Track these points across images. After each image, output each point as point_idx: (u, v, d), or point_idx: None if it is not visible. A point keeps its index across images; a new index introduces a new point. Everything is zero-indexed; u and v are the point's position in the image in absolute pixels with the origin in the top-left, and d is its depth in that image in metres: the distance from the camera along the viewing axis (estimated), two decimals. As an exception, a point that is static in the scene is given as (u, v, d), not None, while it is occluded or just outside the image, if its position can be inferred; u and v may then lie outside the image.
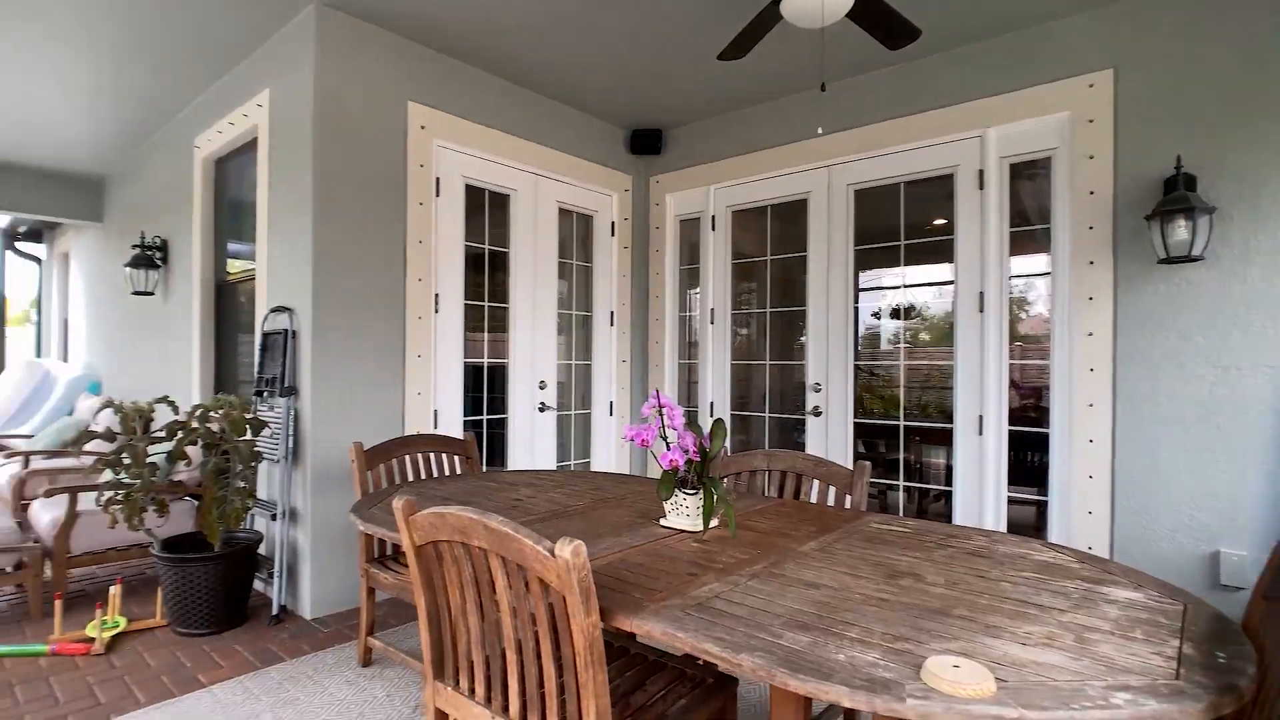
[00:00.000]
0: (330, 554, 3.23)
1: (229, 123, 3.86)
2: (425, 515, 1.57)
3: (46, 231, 8.24)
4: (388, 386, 3.40)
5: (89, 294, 6.91)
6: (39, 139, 5.36)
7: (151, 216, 5.06)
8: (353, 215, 3.27)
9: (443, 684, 1.67)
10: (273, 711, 2.37)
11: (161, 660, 2.80)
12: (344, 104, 3.23)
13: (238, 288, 4.25)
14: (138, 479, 2.78)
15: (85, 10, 3.26)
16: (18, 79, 4.13)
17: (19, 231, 8.29)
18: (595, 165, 4.47)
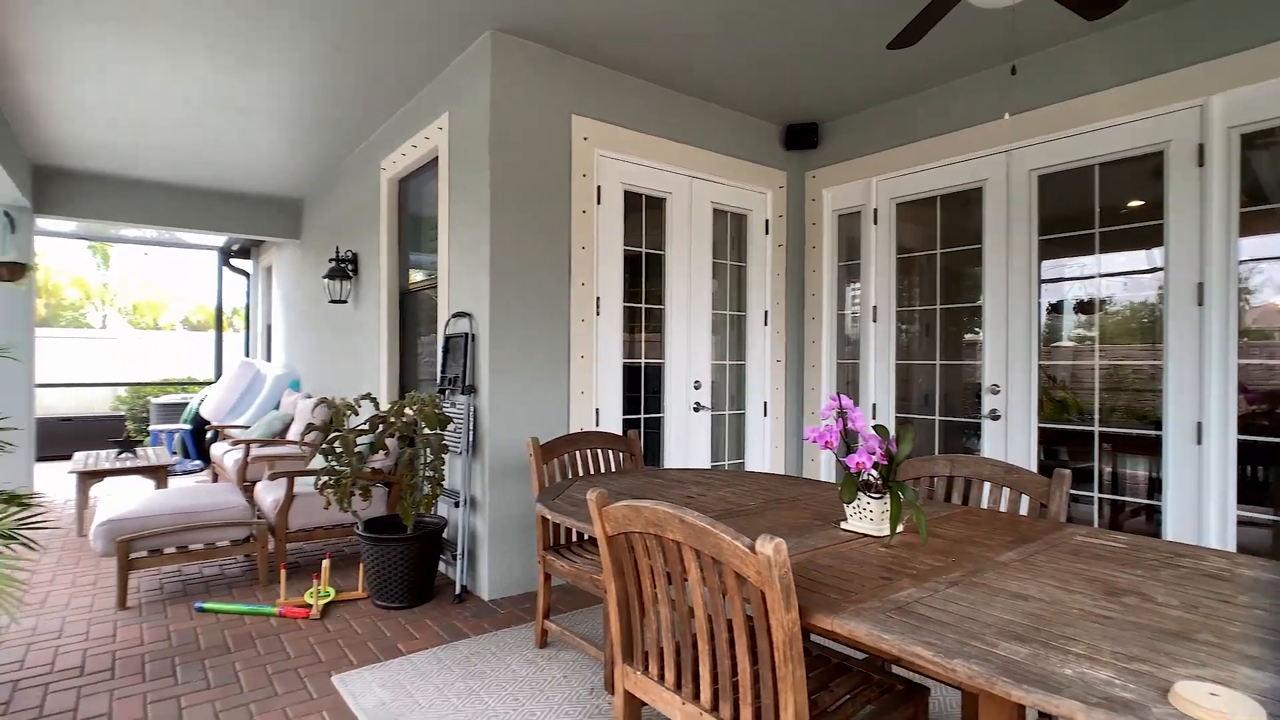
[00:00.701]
0: (505, 540, 3.54)
1: (412, 145, 4.33)
2: (619, 508, 1.70)
3: (253, 249, 9.66)
4: (554, 386, 3.66)
5: (287, 302, 8.01)
6: (251, 171, 6.32)
7: (343, 233, 5.78)
8: (523, 226, 3.56)
9: (631, 667, 1.80)
10: (464, 682, 2.65)
11: (366, 628, 3.22)
12: (515, 122, 3.53)
13: (418, 295, 4.76)
14: (347, 466, 3.21)
15: (298, 58, 3.83)
16: (239, 123, 4.92)
17: (232, 249, 9.78)
18: (749, 164, 4.51)
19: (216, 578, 3.98)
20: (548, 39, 3.54)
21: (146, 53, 3.83)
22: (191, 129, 5.14)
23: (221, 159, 5.96)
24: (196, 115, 4.84)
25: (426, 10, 3.28)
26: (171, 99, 4.52)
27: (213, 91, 4.37)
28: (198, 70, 4.06)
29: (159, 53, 3.84)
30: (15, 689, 2.68)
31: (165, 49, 3.79)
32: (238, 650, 2.99)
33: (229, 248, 9.69)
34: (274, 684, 2.69)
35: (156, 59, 3.91)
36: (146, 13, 3.39)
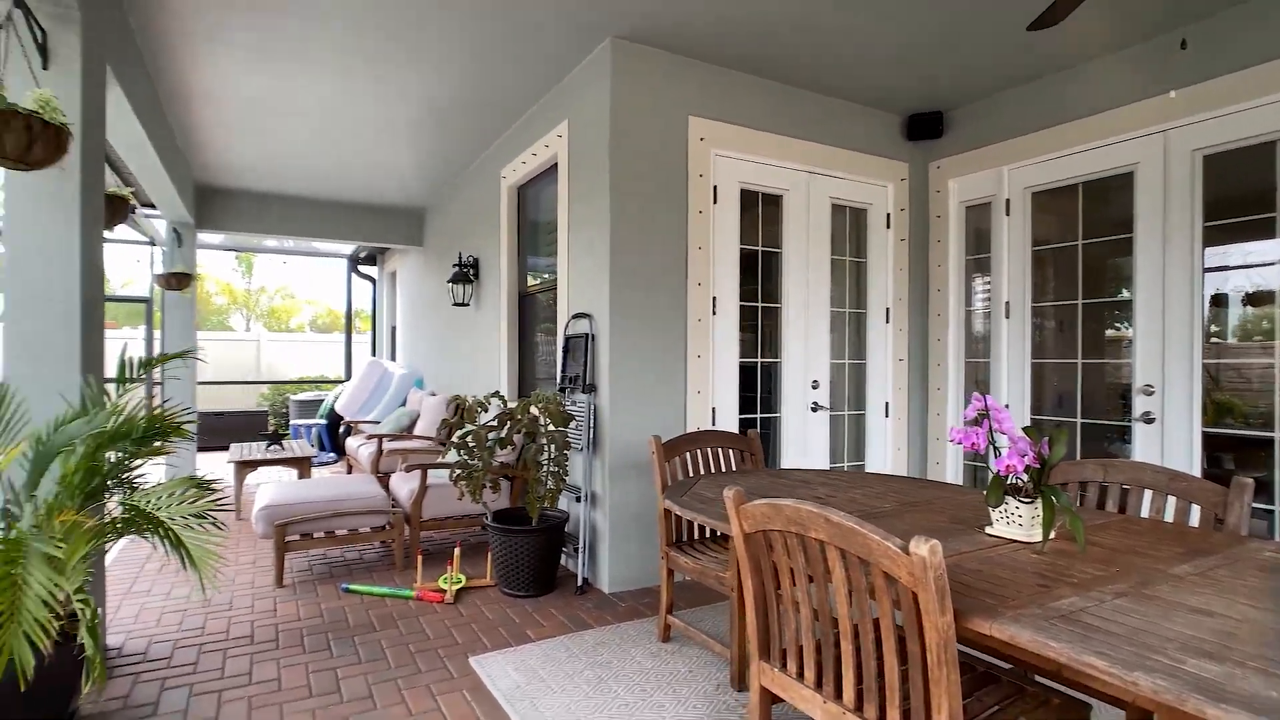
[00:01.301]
0: (624, 535, 3.65)
1: (531, 153, 4.55)
2: (757, 506, 1.74)
3: (379, 255, 10.43)
4: (671, 385, 3.74)
5: (410, 305, 8.59)
6: (380, 184, 6.84)
7: (464, 239, 6.15)
8: (641, 228, 3.66)
9: (768, 664, 1.84)
10: (592, 670, 2.77)
11: (496, 614, 3.43)
12: (633, 126, 3.64)
13: (535, 297, 4.99)
14: (480, 460, 3.43)
15: (430, 81, 4.12)
16: (374, 141, 5.34)
17: (360, 257, 10.60)
18: (869, 157, 4.41)
19: (357, 561, 4.35)
20: (666, 43, 3.63)
21: (302, 83, 4.26)
22: (332, 148, 5.64)
23: (355, 174, 6.49)
24: (337, 136, 5.31)
25: (551, 24, 3.45)
26: (317, 122, 4.99)
27: (354, 113, 4.79)
28: (343, 96, 4.47)
29: (312, 82, 4.25)
30: (200, 652, 3.05)
31: (317, 78, 4.19)
32: (382, 629, 3.27)
33: (357, 255, 10.50)
34: (417, 662, 2.92)
35: (310, 88, 4.34)
36: (308, 48, 3.77)
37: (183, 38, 3.73)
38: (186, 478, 2.41)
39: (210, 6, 3.39)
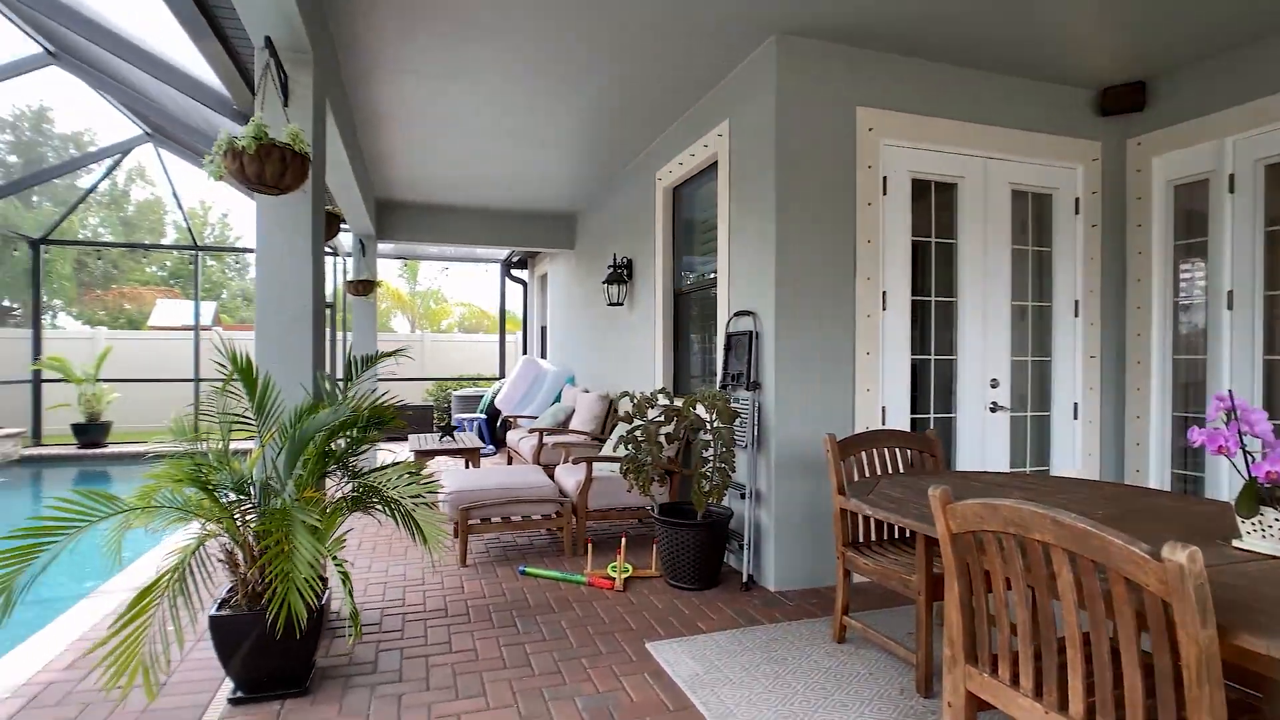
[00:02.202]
0: (790, 534, 3.66)
1: (689, 154, 4.65)
2: (970, 505, 1.70)
3: (530, 259, 11.07)
4: (839, 383, 3.70)
5: (561, 306, 9.05)
6: (536, 191, 7.27)
7: (617, 241, 6.39)
8: (808, 223, 3.65)
9: (975, 668, 1.79)
10: (767, 665, 2.81)
11: (664, 604, 3.56)
12: (798, 121, 3.63)
13: (690, 296, 5.10)
14: (649, 455, 3.58)
15: (592, 90, 4.34)
16: (534, 152, 5.70)
17: (512, 261, 11.30)
18: (1053, 137, 4.09)
19: (527, 547, 4.67)
20: (831, 34, 3.58)
21: (473, 102, 4.64)
22: (495, 161, 6.08)
23: (515, 184, 6.95)
24: (502, 149, 5.73)
25: (717, 27, 3.52)
26: (483, 137, 5.41)
27: (520, 126, 5.15)
28: (509, 111, 4.82)
29: (482, 100, 4.62)
30: (404, 620, 3.42)
31: (487, 97, 4.56)
32: (560, 611, 3.50)
33: (510, 260, 11.22)
34: (596, 643, 3.10)
35: (479, 105, 4.72)
36: (481, 70, 4.11)
37: (377, 69, 4.19)
38: (405, 463, 2.73)
39: (400, 41, 3.79)
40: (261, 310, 3.19)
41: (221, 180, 2.70)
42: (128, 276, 20.45)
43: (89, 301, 18.98)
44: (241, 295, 23.19)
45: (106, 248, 15.82)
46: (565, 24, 3.55)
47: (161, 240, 20.96)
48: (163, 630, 2.17)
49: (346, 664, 2.93)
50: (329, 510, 2.64)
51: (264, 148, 2.62)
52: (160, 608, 2.17)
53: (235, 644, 2.54)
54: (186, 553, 2.19)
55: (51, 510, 2.15)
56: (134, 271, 20.74)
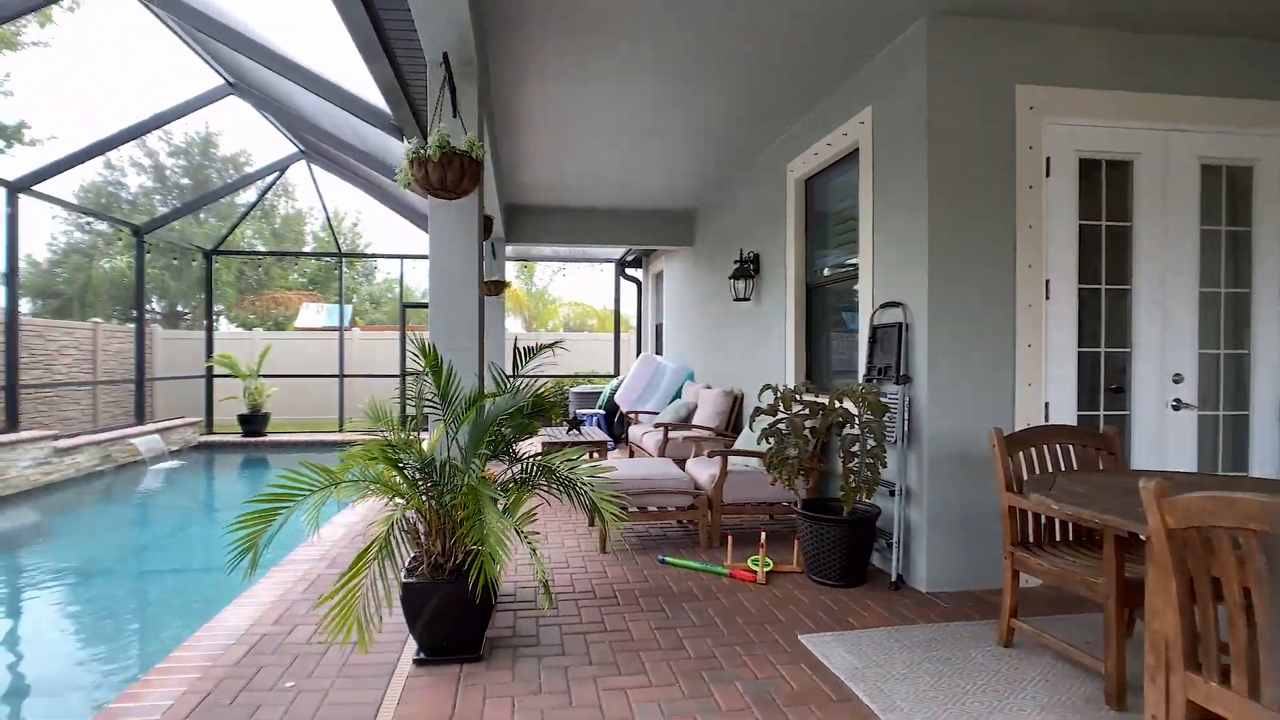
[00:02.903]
0: (943, 533, 3.54)
1: (826, 143, 4.59)
2: (1195, 499, 1.60)
3: (645, 258, 11.26)
4: (996, 376, 3.54)
5: (678, 302, 9.15)
6: (655, 190, 7.40)
7: (742, 235, 6.39)
8: (962, 210, 3.51)
9: (1198, 676, 1.68)
10: (930, 664, 2.74)
11: (810, 599, 3.54)
12: (952, 103, 3.50)
13: (823, 289, 5.03)
14: (795, 449, 3.57)
15: (723, 85, 4.39)
16: (658, 151, 5.80)
17: (627, 260, 11.54)
18: (1253, 101, 3.68)
19: (662, 537, 4.77)
20: (987, 9, 3.43)
21: (604, 105, 4.81)
22: (620, 162, 6.26)
23: (637, 183, 7.11)
24: (627, 150, 5.89)
25: (858, 10, 3.46)
26: (613, 139, 5.58)
27: (647, 125, 5.27)
28: (638, 112, 4.95)
29: (612, 103, 4.78)
30: (556, 599, 3.60)
31: (618, 100, 4.71)
32: (704, 599, 3.56)
33: (624, 259, 11.46)
34: (747, 633, 3.14)
35: (610, 108, 4.88)
36: (615, 73, 4.26)
37: (521, 78, 4.42)
38: (573, 448, 2.88)
39: (551, 49, 3.97)
40: (434, 305, 3.47)
41: (408, 188, 2.96)
42: (276, 283, 22.55)
43: (243, 306, 21.09)
44: (369, 299, 24.99)
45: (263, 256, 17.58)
46: (702, 17, 3.59)
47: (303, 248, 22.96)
48: (372, 592, 2.41)
49: (511, 636, 3.13)
50: (511, 489, 2.84)
51: (446, 155, 2.85)
52: (371, 571, 2.42)
53: (420, 609, 2.77)
54: (390, 523, 2.42)
55: (282, 480, 2.45)
56: (281, 278, 22.85)
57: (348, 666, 2.85)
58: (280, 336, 15.55)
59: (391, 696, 2.60)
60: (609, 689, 2.61)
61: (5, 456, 7.38)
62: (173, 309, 21.47)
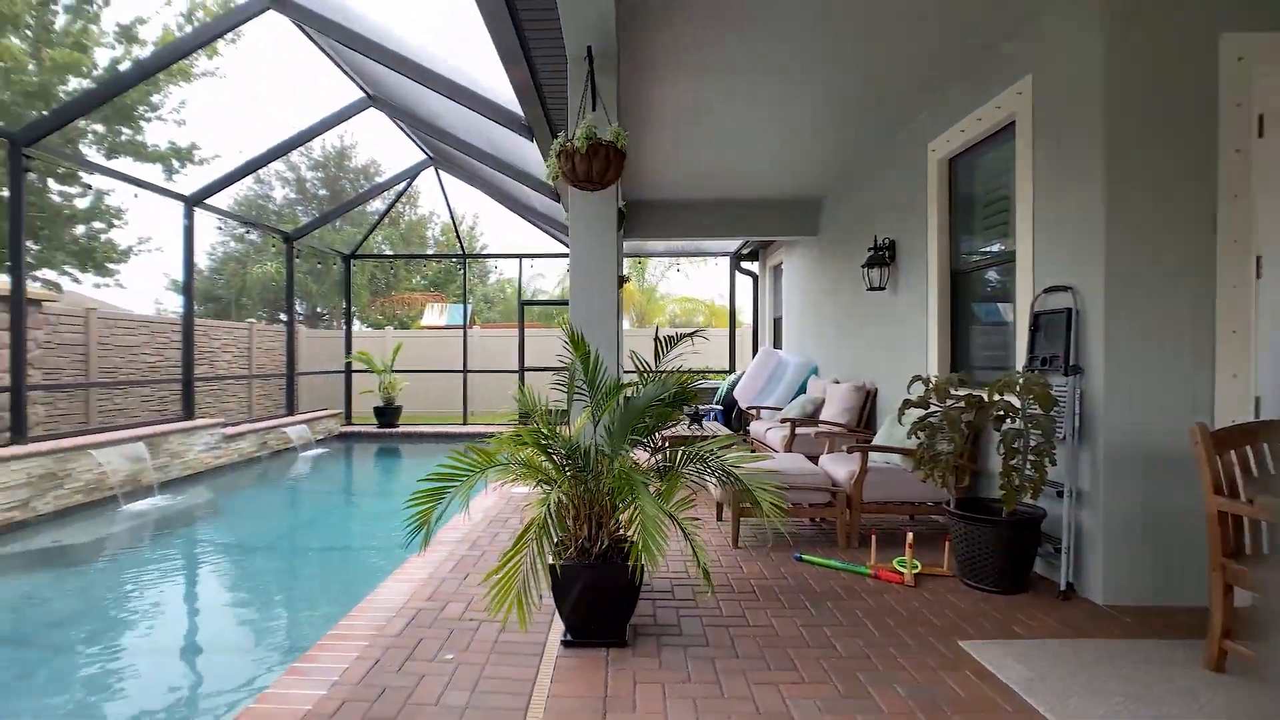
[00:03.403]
0: (1125, 540, 3.22)
1: (975, 118, 4.31)
2: None
3: (762, 250, 11.08)
4: (1190, 366, 3.18)
5: (800, 295, 8.92)
6: (777, 179, 7.24)
7: (875, 222, 6.13)
8: (1147, 181, 3.18)
9: None
10: (1119, 683, 2.49)
11: (967, 605, 3.33)
12: (1136, 63, 3.18)
13: (970, 274, 4.73)
14: (949, 444, 3.37)
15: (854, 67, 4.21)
16: (783, 138, 5.66)
17: (742, 253, 11.40)
18: None
19: (793, 534, 4.65)
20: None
21: (729, 93, 4.74)
22: (741, 152, 6.17)
23: (758, 173, 6.99)
24: (750, 139, 5.80)
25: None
26: (737, 128, 5.50)
27: (774, 113, 5.16)
28: (771, 99, 4.85)
29: (737, 90, 4.71)
30: (694, 592, 3.59)
31: (744, 87, 4.62)
32: (849, 599, 3.43)
33: (739, 252, 11.32)
34: (900, 635, 2.99)
35: (734, 96, 4.82)
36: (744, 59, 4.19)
37: (646, 71, 4.42)
38: (724, 437, 2.86)
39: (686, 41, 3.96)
40: (575, 296, 3.56)
41: (555, 181, 3.05)
42: (401, 285, 24.10)
43: (374, 307, 22.68)
44: (484, 299, 26.18)
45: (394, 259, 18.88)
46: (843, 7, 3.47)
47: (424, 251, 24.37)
48: (532, 572, 2.50)
49: (652, 624, 3.15)
50: (663, 477, 2.86)
51: (593, 147, 2.91)
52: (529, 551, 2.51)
53: (568, 592, 2.84)
54: (546, 505, 2.49)
55: (449, 463, 2.59)
56: (406, 280, 24.39)
57: (499, 643, 2.98)
58: (407, 335, 16.59)
59: (544, 674, 2.68)
60: (761, 683, 2.57)
61: (185, 441, 8.31)
62: (313, 310, 23.45)
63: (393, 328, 18.56)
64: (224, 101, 21.37)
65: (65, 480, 6.52)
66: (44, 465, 6.29)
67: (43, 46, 12.79)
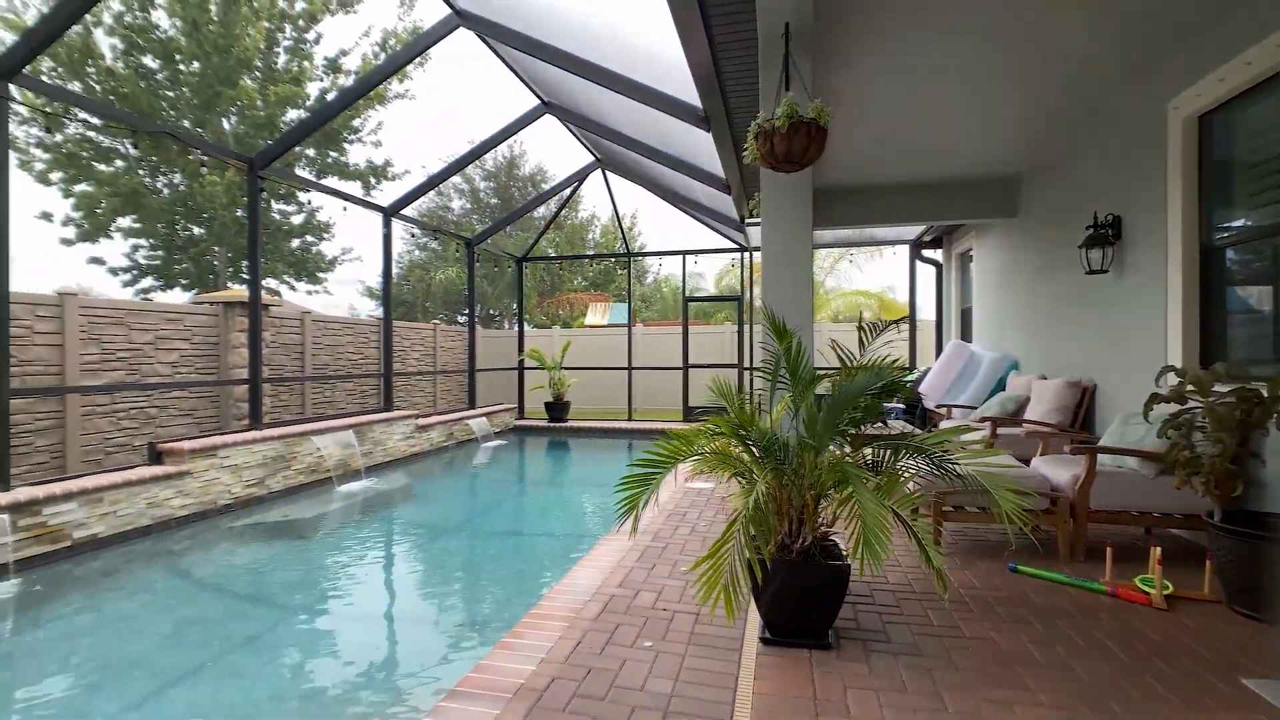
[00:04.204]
0: None
1: (1244, 63, 3.69)
2: None
3: (946, 237, 10.33)
4: None
5: (995, 283, 8.20)
6: (968, 157, 6.68)
7: (1095, 197, 5.47)
8: None
9: None
10: None
11: (1241, 635, 2.86)
12: None
13: (1222, 251, 4.08)
14: (1217, 445, 2.92)
15: (1067, 19, 3.75)
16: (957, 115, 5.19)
17: (923, 241, 10.69)
18: None
19: (1001, 543, 4.26)
20: None
21: (926, 66, 4.42)
22: (929, 129, 5.75)
23: (946, 151, 6.50)
24: (940, 113, 5.39)
25: None
26: (928, 101, 5.14)
27: (971, 81, 4.76)
28: (968, 66, 4.48)
29: (946, 56, 4.37)
30: (896, 598, 3.39)
31: (953, 50, 4.29)
32: (1083, 618, 3.08)
33: (920, 240, 10.63)
34: (1156, 664, 2.63)
35: (940, 65, 4.48)
36: (953, 23, 3.88)
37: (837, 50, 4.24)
38: (955, 428, 2.68)
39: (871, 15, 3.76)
40: (768, 283, 3.51)
41: (754, 163, 3.01)
42: (564, 286, 25.29)
43: (540, 308, 23.99)
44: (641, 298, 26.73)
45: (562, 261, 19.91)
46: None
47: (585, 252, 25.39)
48: (740, 564, 2.48)
49: (854, 628, 3.02)
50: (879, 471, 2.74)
51: (795, 125, 2.84)
52: (735, 542, 2.49)
53: (767, 588, 2.79)
54: (751, 497, 2.46)
55: (653, 451, 2.65)
56: (568, 281, 25.56)
57: (696, 635, 3.00)
58: (573, 334, 17.37)
59: (746, 670, 2.65)
60: (993, 701, 2.37)
61: (385, 430, 9.27)
62: (485, 312, 25.27)
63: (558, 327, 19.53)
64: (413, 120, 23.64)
65: (292, 462, 7.51)
66: (275, 449, 7.28)
67: (268, 84, 14.87)
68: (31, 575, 4.72)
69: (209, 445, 6.40)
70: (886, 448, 2.78)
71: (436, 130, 27.80)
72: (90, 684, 3.38)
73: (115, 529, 5.44)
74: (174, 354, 8.79)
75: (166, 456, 6.15)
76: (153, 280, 15.85)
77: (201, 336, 9.20)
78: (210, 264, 15.81)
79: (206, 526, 6.10)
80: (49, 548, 4.95)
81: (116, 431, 7.96)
